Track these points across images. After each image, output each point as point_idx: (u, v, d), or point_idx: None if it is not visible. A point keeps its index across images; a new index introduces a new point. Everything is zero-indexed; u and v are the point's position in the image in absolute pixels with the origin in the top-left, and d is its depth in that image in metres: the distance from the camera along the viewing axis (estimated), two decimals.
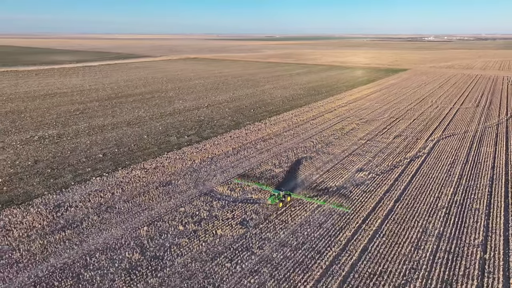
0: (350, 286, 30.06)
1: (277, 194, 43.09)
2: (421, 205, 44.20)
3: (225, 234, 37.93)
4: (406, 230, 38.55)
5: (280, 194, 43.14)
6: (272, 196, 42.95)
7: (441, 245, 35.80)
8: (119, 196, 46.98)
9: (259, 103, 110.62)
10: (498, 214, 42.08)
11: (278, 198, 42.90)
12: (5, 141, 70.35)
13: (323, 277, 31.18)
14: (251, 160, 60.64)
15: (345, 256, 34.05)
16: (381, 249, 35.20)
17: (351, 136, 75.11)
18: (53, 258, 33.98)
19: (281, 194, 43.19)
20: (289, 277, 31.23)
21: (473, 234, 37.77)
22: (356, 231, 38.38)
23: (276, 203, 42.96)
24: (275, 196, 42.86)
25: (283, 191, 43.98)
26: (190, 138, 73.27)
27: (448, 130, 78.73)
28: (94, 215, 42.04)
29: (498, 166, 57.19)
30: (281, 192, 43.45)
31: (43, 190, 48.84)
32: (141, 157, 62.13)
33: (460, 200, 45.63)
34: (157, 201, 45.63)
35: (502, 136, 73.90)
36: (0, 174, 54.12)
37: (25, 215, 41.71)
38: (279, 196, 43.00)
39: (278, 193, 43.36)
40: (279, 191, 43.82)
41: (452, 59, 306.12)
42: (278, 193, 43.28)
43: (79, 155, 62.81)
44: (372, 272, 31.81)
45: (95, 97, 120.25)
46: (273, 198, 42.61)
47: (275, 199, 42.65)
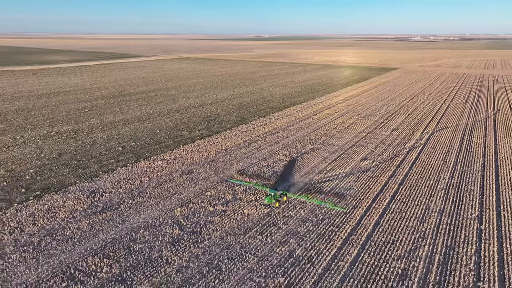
0: (368, 252, 34.85)
1: (273, 194, 43.17)
2: (423, 187, 49.37)
3: (252, 213, 42.39)
4: (411, 208, 43.61)
5: (276, 193, 43.29)
6: (269, 196, 42.89)
7: (443, 219, 40.91)
8: (147, 183, 50.99)
9: (260, 100, 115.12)
10: (490, 193, 47.52)
11: (275, 198, 43.06)
12: (24, 136, 73.35)
13: (344, 245, 35.93)
14: (262, 151, 65.16)
15: (360, 229, 38.90)
16: (391, 223, 40.15)
17: (352, 129, 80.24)
18: (102, 234, 37.97)
19: (278, 194, 43.33)
20: (314, 245, 35.89)
21: (470, 210, 43.05)
22: (368, 209, 43.29)
23: (273, 202, 42.93)
24: (271, 196, 42.93)
25: (279, 191, 44.03)
26: (201, 132, 77.35)
27: (441, 124, 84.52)
28: (129, 199, 46.04)
29: (488, 154, 62.91)
30: (277, 192, 43.51)
31: (75, 179, 52.49)
32: (159, 149, 66.03)
33: (456, 183, 50.97)
34: (184, 187, 49.81)
35: (490, 129, 79.94)
36: (31, 165, 57.47)
37: (65, 200, 45.46)
38: (276, 196, 43.13)
39: (274, 192, 43.36)
40: (275, 191, 43.75)
41: (439, 58, 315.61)
42: (274, 193, 43.29)
43: (99, 148, 66.40)
44: (386, 240, 36.71)
45: (99, 95, 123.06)
46: (270, 198, 42.61)
47: (271, 198, 42.69)
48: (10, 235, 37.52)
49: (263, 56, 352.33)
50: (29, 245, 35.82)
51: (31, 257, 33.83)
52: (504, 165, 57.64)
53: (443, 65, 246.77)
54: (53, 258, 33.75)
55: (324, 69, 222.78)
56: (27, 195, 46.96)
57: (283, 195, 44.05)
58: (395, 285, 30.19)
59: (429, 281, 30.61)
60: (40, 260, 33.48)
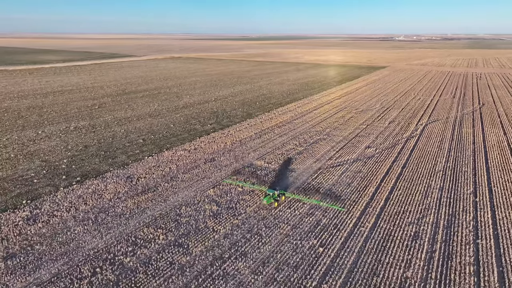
0: (383, 220, 40.87)
1: (272, 194, 43.45)
2: (423, 170, 55.86)
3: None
4: (415, 186, 49.95)
5: (275, 193, 43.52)
6: (268, 196, 43.15)
7: (443, 194, 47.34)
8: (176, 169, 56.04)
9: (261, 97, 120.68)
10: (482, 173, 54.32)
11: (273, 198, 43.34)
12: (45, 131, 77.17)
13: (362, 215, 41.90)
14: (274, 142, 70.82)
15: (374, 202, 44.96)
16: (400, 197, 46.35)
17: (352, 122, 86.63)
18: (149, 211, 43.01)
19: (276, 194, 43.56)
20: (337, 216, 41.74)
21: (466, 187, 49.65)
22: (378, 186, 49.46)
23: (272, 202, 43.32)
24: (270, 196, 43.17)
25: (277, 191, 44.31)
26: (213, 126, 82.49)
27: (432, 117, 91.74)
28: (164, 182, 51.09)
29: (477, 142, 70.05)
30: (275, 192, 43.78)
31: (107, 167, 57.13)
32: (177, 141, 70.95)
33: (451, 166, 57.66)
34: (210, 172, 55.08)
35: (477, 121, 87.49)
36: (62, 156, 61.75)
37: (106, 184, 50.21)
38: (274, 196, 43.36)
39: (272, 192, 43.64)
40: (273, 191, 44.02)
41: (424, 57, 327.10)
42: (273, 193, 43.55)
43: (121, 141, 70.91)
44: (397, 211, 42.84)
45: (103, 93, 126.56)
46: (269, 198, 42.86)
47: (270, 198, 42.97)
48: (67, 213, 42.20)
49: (254, 55, 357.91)
50: (87, 220, 40.60)
51: (93, 229, 38.68)
52: (492, 151, 64.76)
53: (429, 63, 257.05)
54: (113, 230, 38.67)
55: (316, 68, 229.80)
56: (69, 181, 51.45)
57: (281, 194, 44.56)
58: (409, 243, 36.24)
59: (437, 240, 36.77)
60: (102, 231, 38.37)
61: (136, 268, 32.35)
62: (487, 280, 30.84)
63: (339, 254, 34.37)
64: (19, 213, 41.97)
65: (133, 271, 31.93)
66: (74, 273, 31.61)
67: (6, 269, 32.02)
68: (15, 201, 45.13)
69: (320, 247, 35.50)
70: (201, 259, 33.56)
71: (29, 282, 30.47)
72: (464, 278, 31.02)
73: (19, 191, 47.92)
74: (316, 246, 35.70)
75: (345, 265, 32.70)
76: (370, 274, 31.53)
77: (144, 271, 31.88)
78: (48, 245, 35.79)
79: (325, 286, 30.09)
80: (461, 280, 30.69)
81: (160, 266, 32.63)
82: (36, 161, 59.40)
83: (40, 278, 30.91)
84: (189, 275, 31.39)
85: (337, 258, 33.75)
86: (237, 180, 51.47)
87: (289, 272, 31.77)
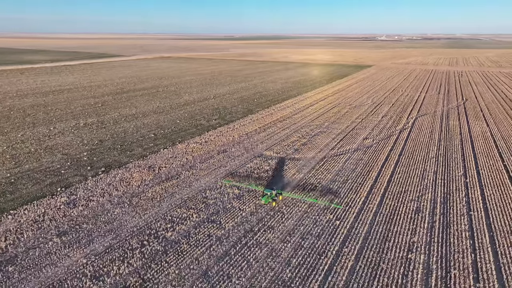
0: (388, 197, 46.30)
1: (269, 194, 43.62)
2: (417, 157, 61.77)
3: (289, 177, 52.95)
4: (412, 170, 55.70)
5: (272, 193, 43.69)
6: (265, 196, 43.36)
7: (437, 177, 53.19)
8: (192, 160, 60.34)
9: (258, 95, 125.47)
10: (470, 159, 60.57)
11: (271, 197, 43.53)
12: (57, 128, 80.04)
13: (369, 195, 47.25)
14: (278, 135, 75.76)
15: (378, 184, 50.42)
16: (400, 180, 51.95)
17: (348, 117, 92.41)
18: (177, 194, 47.33)
19: (274, 193, 43.78)
20: (347, 196, 46.98)
21: (456, 170, 55.70)
22: (380, 171, 54.99)
23: (270, 202, 43.61)
24: (268, 196, 43.41)
25: (275, 190, 44.54)
26: (218, 122, 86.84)
27: (421, 111, 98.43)
28: (184, 171, 55.38)
29: (464, 133, 76.68)
30: (273, 191, 43.93)
31: (127, 159, 60.96)
32: (187, 135, 75.06)
33: (443, 153, 63.79)
34: (226, 161, 59.61)
35: (462, 114, 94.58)
36: (81, 150, 65.17)
37: (131, 173, 54.18)
38: (272, 195, 43.55)
39: (270, 192, 43.79)
40: (271, 190, 44.16)
41: (407, 56, 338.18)
42: (270, 192, 43.70)
43: (134, 136, 74.58)
44: (399, 191, 48.39)
45: (103, 92, 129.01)
46: (267, 198, 43.04)
47: (268, 198, 43.14)
48: (102, 198, 46.12)
49: (243, 55, 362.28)
50: (123, 203, 44.64)
51: (130, 211, 42.80)
52: (477, 140, 71.38)
53: (412, 62, 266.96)
54: (148, 211, 42.87)
55: (305, 67, 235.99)
56: (95, 171, 55.15)
57: (278, 194, 44.61)
58: (413, 216, 41.72)
59: (436, 213, 42.38)
60: (139, 212, 42.53)
61: (178, 240, 36.73)
62: (480, 242, 36.51)
63: (353, 226, 39.55)
64: (58, 198, 45.64)
65: (176, 242, 36.31)
66: (125, 245, 35.79)
67: (63, 244, 35.92)
68: (50, 189, 48.67)
69: (336, 221, 40.61)
70: (234, 232, 38.18)
71: (87, 253, 34.50)
72: (462, 241, 36.62)
73: (51, 181, 51.39)
74: (333, 220, 40.79)
75: (360, 234, 37.88)
76: (382, 240, 36.79)
77: (187, 242, 36.28)
78: (94, 224, 39.77)
79: (346, 250, 35.17)
80: (459, 243, 36.26)
81: (200, 238, 37.09)
82: (58, 154, 62.64)
83: (96, 250, 34.97)
84: (227, 244, 35.98)
85: (353, 229, 38.91)
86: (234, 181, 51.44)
87: (313, 240, 36.71)
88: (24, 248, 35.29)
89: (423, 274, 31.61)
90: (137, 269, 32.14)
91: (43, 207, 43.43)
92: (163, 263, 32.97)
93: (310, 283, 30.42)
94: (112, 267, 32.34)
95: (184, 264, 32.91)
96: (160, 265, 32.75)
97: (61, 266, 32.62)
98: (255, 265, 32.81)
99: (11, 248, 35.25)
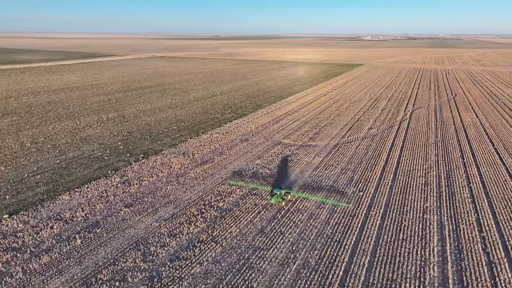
0: (399, 174, 53.87)
1: (279, 193, 43.78)
2: (419, 142, 69.72)
3: (310, 160, 60.07)
4: (416, 153, 63.51)
5: (281, 192, 43.86)
6: (275, 195, 43.57)
7: (439, 158, 61.10)
8: (220, 147, 66.86)
9: (261, 91, 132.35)
10: (465, 144, 68.83)
11: (281, 197, 43.93)
12: (81, 122, 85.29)
13: (383, 172, 54.69)
14: (291, 126, 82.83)
15: (389, 164, 57.98)
16: (407, 161, 59.63)
17: (350, 110, 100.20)
18: (217, 174, 53.87)
19: (283, 193, 44.02)
20: (364, 173, 54.34)
21: (454, 153, 63.77)
22: (388, 154, 62.61)
23: (280, 201, 43.88)
24: (277, 195, 43.61)
25: (283, 189, 44.75)
26: (231, 115, 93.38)
27: (416, 105, 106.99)
28: (216, 156, 61.91)
29: (457, 123, 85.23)
30: (282, 191, 44.11)
31: (160, 147, 67.08)
32: (207, 127, 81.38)
33: (440, 139, 71.92)
34: (250, 148, 66.32)
35: (454, 107, 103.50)
36: (114, 140, 70.91)
37: (170, 158, 60.42)
38: (281, 195, 43.86)
39: (280, 191, 43.84)
40: (280, 190, 44.23)
41: (395, 55, 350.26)
42: (280, 192, 43.82)
43: (158, 128, 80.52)
44: (408, 169, 56.03)
45: (111, 90, 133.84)
46: (276, 197, 43.36)
47: (278, 197, 43.47)
48: (151, 178, 52.32)
49: (235, 54, 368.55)
50: (171, 182, 50.97)
51: (180, 187, 49.18)
52: (470, 128, 79.92)
53: (401, 61, 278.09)
54: (196, 187, 49.33)
55: (299, 65, 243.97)
56: (135, 157, 61.16)
57: (287, 193, 44.92)
58: (423, 188, 49.29)
59: (442, 185, 50.06)
60: (189, 188, 48.95)
61: (231, 208, 43.39)
62: (481, 205, 44.26)
63: (375, 195, 46.91)
64: (112, 179, 51.67)
65: (229, 210, 42.95)
66: (187, 213, 42.27)
67: (133, 213, 42.16)
68: (101, 172, 54.60)
69: (359, 192, 47.91)
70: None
71: (156, 219, 40.85)
72: (466, 205, 44.32)
73: (99, 165, 57.27)
74: (356, 192, 48.07)
75: (382, 202, 45.23)
76: (400, 205, 44.20)
77: (238, 209, 42.94)
78: (153, 198, 46.07)
79: (372, 213, 42.42)
80: (464, 206, 43.94)
81: (248, 206, 43.82)
82: (95, 144, 68.29)
83: (163, 217, 41.33)
84: (273, 211, 42.81)
85: (374, 198, 46.24)
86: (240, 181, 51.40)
87: (343, 207, 43.86)
88: (101, 216, 41.40)
89: (437, 228, 39.08)
90: (204, 229, 38.69)
91: (103, 186, 49.42)
92: (224, 225, 39.59)
93: (348, 237, 37.49)
94: (183, 228, 38.81)
95: (241, 225, 39.61)
96: (222, 226, 39.36)
97: (139, 228, 38.91)
98: (300, 224, 39.73)
99: (90, 216, 41.32)
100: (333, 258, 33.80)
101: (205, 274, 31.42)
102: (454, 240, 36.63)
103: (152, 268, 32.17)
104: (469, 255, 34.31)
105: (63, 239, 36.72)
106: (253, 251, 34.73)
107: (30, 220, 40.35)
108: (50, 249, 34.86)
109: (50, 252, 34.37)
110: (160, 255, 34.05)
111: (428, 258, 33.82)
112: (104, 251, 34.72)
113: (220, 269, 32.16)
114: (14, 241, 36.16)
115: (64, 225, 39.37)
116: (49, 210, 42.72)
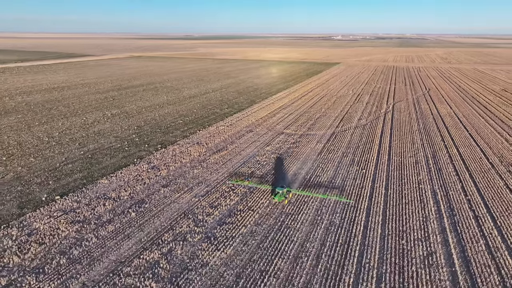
0: (393, 154, 62.18)
1: (281, 192, 43.88)
2: (405, 130, 78.71)
3: (314, 146, 67.48)
4: (404, 138, 72.29)
5: (284, 191, 44.05)
6: (278, 194, 43.79)
7: (424, 142, 70.05)
8: (229, 137, 73.03)
9: (250, 89, 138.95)
10: (444, 130, 78.47)
11: (284, 195, 44.16)
12: (88, 118, 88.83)
13: (379, 154, 62.84)
14: (288, 118, 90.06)
15: (383, 148, 66.25)
16: (397, 144, 68.14)
17: (338, 104, 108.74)
18: (234, 159, 60.13)
19: (285, 191, 44.27)
20: (364, 154, 62.32)
21: (436, 137, 73.05)
22: (380, 140, 70.99)
23: (283, 200, 44.17)
24: (280, 194, 43.77)
25: (285, 188, 45.03)
26: (230, 110, 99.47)
27: (396, 99, 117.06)
28: (228, 144, 68.09)
29: (434, 113, 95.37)
30: (284, 189, 44.28)
31: (173, 138, 72.41)
32: (211, 121, 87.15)
33: (423, 127, 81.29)
34: (257, 137, 72.89)
35: (429, 100, 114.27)
36: (126, 134, 75.43)
37: (187, 148, 66.04)
38: (284, 193, 44.13)
39: (282, 190, 44.01)
40: (282, 188, 44.44)
41: (368, 54, 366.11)
42: (282, 190, 43.95)
43: (165, 122, 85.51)
44: (399, 151, 64.39)
45: (104, 88, 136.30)
46: (279, 196, 43.59)
47: (281, 196, 43.69)
48: (176, 164, 57.91)
49: (214, 54, 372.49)
50: (196, 166, 56.80)
51: (205, 170, 55.14)
52: (446, 117, 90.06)
53: (374, 60, 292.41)
54: (220, 170, 55.44)
55: (279, 64, 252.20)
56: (154, 147, 66.33)
57: (288, 192, 45.48)
58: (414, 165, 57.72)
59: (430, 163, 58.65)
60: (213, 171, 54.98)
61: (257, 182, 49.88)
62: (463, 177, 52.99)
63: (376, 173, 54.77)
64: (141, 165, 56.88)
65: (255, 188, 49.42)
66: (219, 190, 48.41)
67: (171, 192, 47.85)
68: (128, 160, 59.56)
69: (362, 170, 55.69)
70: (294, 178, 51.98)
71: (193, 196, 46.75)
72: (452, 177, 52.97)
73: (123, 155, 62.13)
74: (359, 170, 55.80)
75: (382, 177, 53.11)
76: (398, 179, 52.23)
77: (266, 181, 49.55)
78: (185, 179, 51.84)
79: (376, 185, 50.19)
80: (450, 178, 52.55)
81: (269, 180, 50.49)
82: (110, 137, 72.68)
83: (199, 194, 47.27)
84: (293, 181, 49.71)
85: (375, 175, 54.08)
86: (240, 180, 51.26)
87: (351, 181, 51.40)
88: (144, 195, 46.84)
89: (432, 194, 47.29)
90: (238, 201, 45.01)
91: (135, 171, 54.60)
92: (255, 198, 46.04)
93: (361, 203, 44.92)
94: (220, 201, 44.98)
95: (271, 197, 46.22)
96: (253, 199, 45.77)
97: (182, 203, 44.72)
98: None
99: (134, 195, 46.66)
100: (352, 218, 41.05)
101: (252, 233, 37.83)
102: (446, 202, 44.87)
103: (205, 231, 38.22)
104: (459, 212, 42.57)
105: (118, 213, 41.99)
106: (285, 216, 41.43)
107: (81, 200, 45.22)
108: (111, 221, 40.14)
109: (112, 223, 39.66)
110: (209, 221, 40.12)
111: (428, 215, 41.76)
112: (159, 220, 40.39)
113: (263, 229, 38.64)
114: (76, 216, 41.13)
115: (114, 202, 44.55)
116: (94, 191, 47.64)
